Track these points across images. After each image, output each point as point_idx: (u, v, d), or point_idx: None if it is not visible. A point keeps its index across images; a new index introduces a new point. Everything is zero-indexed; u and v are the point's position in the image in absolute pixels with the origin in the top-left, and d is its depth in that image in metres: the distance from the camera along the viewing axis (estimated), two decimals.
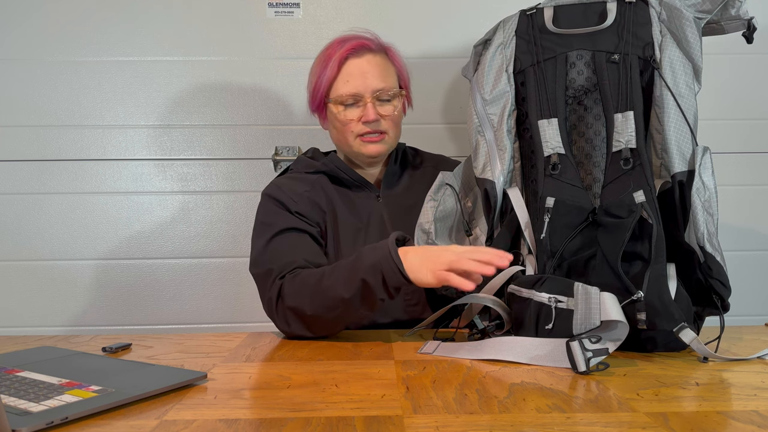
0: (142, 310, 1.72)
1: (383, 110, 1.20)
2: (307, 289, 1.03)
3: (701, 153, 0.99)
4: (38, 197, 1.70)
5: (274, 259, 1.11)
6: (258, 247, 1.15)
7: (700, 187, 0.98)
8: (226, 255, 1.72)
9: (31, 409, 0.65)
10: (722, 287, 0.97)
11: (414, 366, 0.87)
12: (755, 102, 1.73)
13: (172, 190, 1.72)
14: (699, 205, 0.98)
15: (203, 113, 1.71)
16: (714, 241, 0.98)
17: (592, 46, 1.07)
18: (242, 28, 1.69)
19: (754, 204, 1.74)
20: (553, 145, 1.07)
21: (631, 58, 1.04)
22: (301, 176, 1.25)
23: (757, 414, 0.66)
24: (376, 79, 1.18)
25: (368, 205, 1.25)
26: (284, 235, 1.15)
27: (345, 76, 1.18)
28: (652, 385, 0.77)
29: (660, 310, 0.90)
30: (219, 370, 0.86)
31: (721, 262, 0.97)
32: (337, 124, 1.22)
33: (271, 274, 1.08)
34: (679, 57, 1.03)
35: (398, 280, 0.96)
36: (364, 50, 1.19)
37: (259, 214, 1.21)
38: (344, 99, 1.19)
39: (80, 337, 1.10)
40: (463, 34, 1.73)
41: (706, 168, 0.99)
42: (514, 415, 0.66)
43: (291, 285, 1.05)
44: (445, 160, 1.40)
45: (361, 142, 1.21)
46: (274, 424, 0.64)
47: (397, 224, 1.24)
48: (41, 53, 1.67)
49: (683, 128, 1.01)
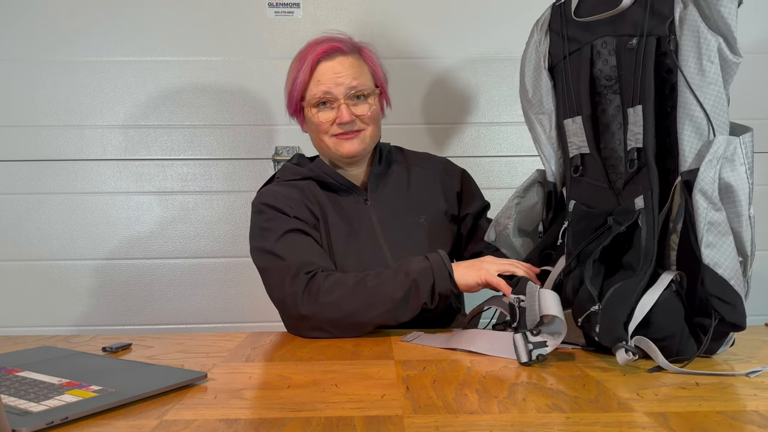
0: (142, 310, 1.72)
1: (358, 110, 1.20)
2: (350, 287, 1.06)
3: (720, 145, 0.84)
4: (38, 197, 1.70)
5: (287, 256, 1.11)
6: (265, 247, 1.14)
7: (705, 186, 0.84)
8: (226, 255, 1.73)
9: (31, 409, 0.65)
10: (719, 303, 0.84)
11: (414, 366, 0.87)
12: (756, 102, 1.73)
13: (172, 190, 1.72)
14: (702, 207, 0.84)
15: (203, 113, 1.71)
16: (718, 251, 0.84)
17: (613, 32, 0.95)
18: (242, 28, 1.69)
19: (754, 204, 1.74)
20: (578, 144, 1.02)
21: (648, 41, 0.91)
22: (290, 183, 1.25)
23: (757, 414, 0.66)
24: (347, 79, 1.18)
25: (357, 209, 1.24)
26: (290, 235, 1.15)
27: (317, 77, 1.19)
28: (652, 385, 0.77)
29: (608, 326, 0.86)
30: (219, 370, 0.86)
31: (724, 275, 0.84)
32: (313, 126, 1.22)
33: (289, 270, 1.08)
34: (699, 31, 0.85)
35: (447, 286, 1.05)
36: (336, 52, 1.19)
37: (256, 221, 1.20)
38: (317, 100, 1.19)
39: (80, 337, 1.10)
40: (463, 34, 1.73)
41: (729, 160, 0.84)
42: (514, 415, 0.66)
43: (328, 281, 1.07)
44: (430, 157, 1.38)
45: (336, 141, 1.21)
46: (274, 424, 0.64)
47: (387, 227, 1.24)
48: (41, 53, 1.68)
49: (698, 119, 0.86)
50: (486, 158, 1.75)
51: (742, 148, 0.84)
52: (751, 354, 0.93)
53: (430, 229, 1.27)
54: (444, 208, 1.31)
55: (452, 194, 1.33)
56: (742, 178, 0.84)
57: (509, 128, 1.75)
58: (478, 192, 1.37)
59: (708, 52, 0.84)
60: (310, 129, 1.25)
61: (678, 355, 0.86)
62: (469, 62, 1.73)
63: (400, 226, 1.25)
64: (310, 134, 1.27)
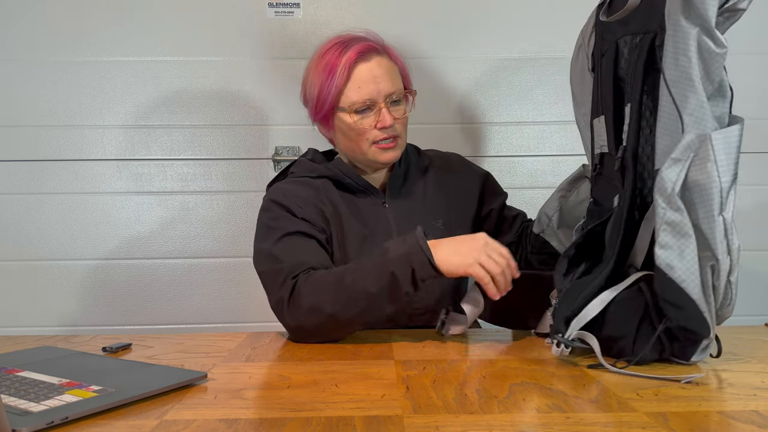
0: (142, 310, 1.72)
1: (396, 113, 1.16)
2: (328, 287, 1.00)
3: (686, 143, 0.80)
4: (38, 197, 1.70)
5: (283, 258, 1.07)
6: (265, 248, 1.11)
7: (664, 185, 0.81)
8: (226, 255, 1.73)
9: (31, 409, 0.65)
10: (667, 305, 0.82)
11: (414, 366, 0.87)
12: (756, 102, 1.73)
13: (172, 190, 1.72)
14: (660, 207, 0.81)
15: (203, 113, 1.71)
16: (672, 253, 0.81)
17: (628, 30, 0.93)
18: (242, 28, 1.69)
19: (754, 204, 1.74)
20: (600, 143, 1.01)
21: (643, 39, 0.89)
22: (305, 180, 1.20)
23: (757, 414, 0.66)
24: (387, 83, 1.14)
25: (374, 211, 1.21)
26: (292, 237, 1.11)
27: (356, 82, 1.13)
28: (652, 385, 0.77)
29: (553, 320, 0.92)
30: (219, 370, 0.86)
31: (675, 277, 0.80)
32: (351, 133, 1.16)
33: (281, 273, 1.04)
34: (678, 22, 0.81)
35: (428, 272, 0.97)
36: (371, 53, 1.15)
37: (262, 218, 1.16)
38: (358, 106, 1.14)
39: (80, 337, 1.10)
40: (464, 34, 1.73)
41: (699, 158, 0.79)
42: (514, 415, 0.66)
43: (307, 283, 1.01)
44: (446, 157, 1.36)
45: (377, 149, 1.17)
46: (274, 424, 0.64)
47: (404, 231, 1.19)
48: (41, 53, 1.68)
49: (671, 115, 0.84)
50: (487, 158, 1.75)
51: (712, 146, 0.78)
52: (751, 354, 0.93)
53: (448, 232, 1.23)
54: (462, 211, 1.28)
55: (472, 196, 1.31)
56: (711, 176, 0.78)
57: (509, 128, 1.75)
58: (498, 186, 1.35)
59: (683, 44, 0.80)
60: (346, 135, 1.18)
61: (634, 355, 0.86)
62: (469, 62, 1.73)
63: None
64: (338, 139, 1.22)
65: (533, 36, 1.73)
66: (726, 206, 0.79)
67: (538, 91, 1.75)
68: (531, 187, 1.74)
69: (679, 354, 0.86)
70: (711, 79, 0.80)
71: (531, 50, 1.73)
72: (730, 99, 0.83)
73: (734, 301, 0.83)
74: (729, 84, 0.83)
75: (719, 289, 0.82)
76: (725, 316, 0.86)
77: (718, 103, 0.82)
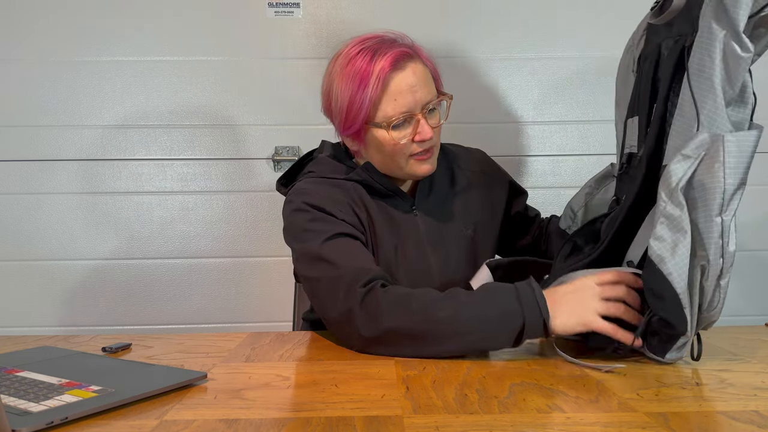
0: (142, 310, 1.72)
1: (432, 122, 1.08)
2: (414, 316, 0.89)
3: (699, 141, 0.80)
4: (38, 197, 1.70)
5: (338, 263, 0.97)
6: (311, 250, 1.00)
7: (670, 179, 0.81)
8: (226, 255, 1.73)
9: (31, 409, 0.65)
10: (651, 296, 0.82)
11: (414, 366, 0.87)
12: None
13: (172, 190, 1.72)
14: (662, 200, 0.82)
15: (203, 113, 1.71)
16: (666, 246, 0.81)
17: (671, 33, 0.92)
18: (242, 28, 1.69)
19: (754, 204, 1.74)
20: (630, 144, 1.00)
21: (680, 40, 0.87)
22: (333, 182, 1.11)
23: (757, 414, 0.66)
24: (423, 92, 1.05)
25: (405, 219, 1.14)
26: (339, 239, 1.01)
27: (392, 95, 1.03)
28: (652, 385, 0.77)
29: None
30: (219, 370, 0.86)
31: (664, 270, 0.81)
32: (386, 149, 1.07)
33: (342, 280, 0.94)
34: (710, 24, 0.80)
35: (539, 333, 0.87)
36: (405, 60, 1.04)
37: (298, 222, 1.05)
38: (396, 121, 1.04)
39: (80, 337, 1.10)
40: (463, 34, 1.73)
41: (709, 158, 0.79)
42: (514, 415, 0.66)
43: (387, 299, 0.91)
44: (468, 155, 1.28)
45: (414, 162, 1.09)
46: (274, 424, 0.64)
47: (434, 239, 1.15)
48: (41, 53, 1.68)
49: (689, 114, 0.83)
50: None
51: (724, 148, 0.78)
52: (751, 354, 0.93)
53: (476, 240, 1.19)
54: (491, 214, 1.23)
55: (500, 200, 1.25)
56: (716, 178, 0.78)
57: (509, 128, 1.75)
58: (520, 186, 1.31)
59: (710, 45, 0.80)
60: (380, 150, 1.09)
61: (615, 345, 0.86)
62: (470, 62, 1.73)
63: (447, 238, 1.16)
64: (372, 154, 1.12)
65: (533, 36, 1.73)
66: (727, 209, 0.79)
67: (538, 91, 1.75)
68: (531, 186, 1.73)
69: (655, 349, 0.86)
70: (732, 83, 0.80)
71: (531, 50, 1.73)
72: (752, 106, 0.82)
73: (721, 305, 0.83)
74: (753, 91, 0.82)
75: (707, 290, 0.82)
76: (711, 320, 0.85)
77: (738, 109, 0.82)
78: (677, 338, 0.84)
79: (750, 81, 0.81)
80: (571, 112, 1.75)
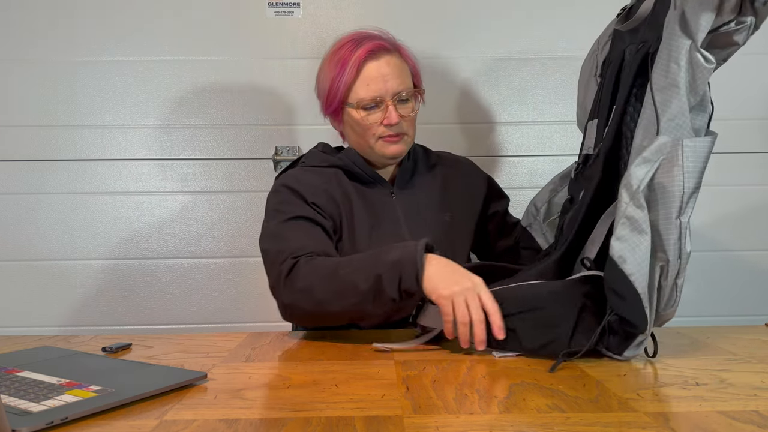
0: (142, 310, 1.72)
1: (403, 111, 1.19)
2: (322, 274, 1.00)
3: (659, 145, 0.83)
4: (38, 197, 1.70)
5: (288, 238, 1.09)
6: (271, 227, 1.13)
7: (631, 181, 0.84)
8: (226, 255, 1.72)
9: (31, 409, 0.65)
10: (612, 295, 0.84)
11: (414, 366, 0.87)
12: (756, 102, 1.73)
13: (172, 190, 1.72)
14: (623, 201, 0.84)
15: (203, 113, 1.71)
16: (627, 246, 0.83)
17: (633, 39, 0.96)
18: (242, 28, 1.69)
19: (754, 204, 1.74)
20: (588, 145, 1.04)
21: (644, 46, 0.91)
22: (317, 169, 1.23)
23: (757, 414, 0.66)
24: (395, 81, 1.17)
25: (383, 201, 1.24)
26: (299, 221, 1.13)
27: (365, 79, 1.16)
28: (652, 385, 0.77)
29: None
30: (219, 370, 0.86)
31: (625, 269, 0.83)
32: (358, 128, 1.20)
33: (284, 253, 1.06)
34: (674, 32, 0.84)
35: (412, 284, 0.94)
36: (382, 51, 1.17)
37: (271, 201, 1.18)
38: (366, 103, 1.17)
39: (80, 337, 1.10)
40: (463, 33, 1.73)
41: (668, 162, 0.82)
42: (514, 415, 0.66)
43: (305, 267, 1.02)
44: (454, 158, 1.40)
45: (382, 143, 1.20)
46: (274, 424, 0.64)
47: (412, 222, 1.24)
48: (41, 53, 1.67)
49: (650, 119, 0.87)
50: (488, 158, 1.75)
51: (682, 152, 0.82)
52: (751, 354, 0.93)
53: (454, 226, 1.27)
54: (468, 207, 1.32)
55: (478, 195, 1.34)
56: (676, 181, 0.82)
57: (509, 128, 1.75)
58: (502, 191, 1.40)
59: (676, 53, 0.84)
60: (354, 130, 1.22)
61: (570, 343, 0.88)
62: (469, 62, 1.73)
63: (425, 221, 1.25)
64: (348, 133, 1.26)
65: (533, 36, 1.73)
66: (684, 211, 0.82)
67: (538, 91, 1.75)
68: (531, 187, 1.74)
69: (613, 347, 0.88)
70: (696, 90, 0.84)
71: (531, 50, 1.73)
72: (709, 114, 0.86)
73: (677, 303, 0.86)
74: (711, 100, 0.86)
75: (665, 289, 0.85)
76: (667, 317, 0.88)
77: (698, 116, 0.86)
78: (635, 336, 0.86)
79: (708, 90, 0.85)
80: (572, 112, 1.75)
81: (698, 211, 1.73)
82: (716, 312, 1.75)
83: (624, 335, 0.87)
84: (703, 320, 1.75)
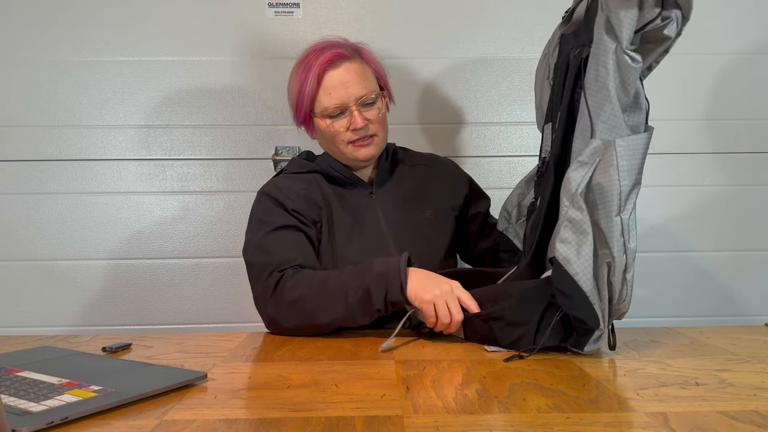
0: (142, 310, 1.72)
1: (369, 114, 1.21)
2: (311, 286, 1.06)
3: (592, 147, 0.87)
4: (38, 197, 1.70)
5: (273, 251, 1.12)
6: (255, 239, 1.16)
7: (569, 185, 0.88)
8: (226, 255, 1.72)
9: (31, 409, 0.65)
10: (560, 295, 0.88)
11: (414, 366, 0.87)
12: (756, 102, 1.73)
13: (172, 190, 1.72)
14: (564, 205, 0.89)
15: (203, 113, 1.71)
16: (571, 248, 0.87)
17: (575, 42, 0.98)
18: (242, 28, 1.69)
19: (754, 204, 1.74)
20: (546, 149, 1.07)
21: (581, 50, 0.93)
22: (296, 175, 1.27)
23: (757, 414, 0.66)
24: (357, 87, 1.19)
25: (362, 202, 1.26)
26: (282, 231, 1.16)
27: (326, 89, 1.19)
28: (652, 385, 0.77)
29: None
30: (219, 370, 0.86)
31: (570, 270, 0.86)
32: (327, 135, 1.23)
33: (270, 266, 1.10)
34: (601, 36, 0.87)
35: (397, 295, 1.01)
36: (340, 59, 1.19)
37: (256, 211, 1.21)
38: (330, 111, 1.20)
39: (80, 337, 1.10)
40: (463, 34, 1.72)
41: (604, 162, 0.86)
42: (514, 415, 0.66)
43: (293, 279, 1.07)
44: (435, 158, 1.42)
45: (353, 148, 1.22)
46: (274, 424, 0.64)
47: (392, 220, 1.25)
48: (41, 53, 1.67)
49: (586, 123, 0.90)
50: (486, 158, 1.75)
51: (616, 152, 0.85)
52: (751, 354, 0.93)
53: (435, 223, 1.29)
54: (450, 205, 1.33)
55: (459, 195, 1.36)
56: (613, 180, 0.85)
57: (509, 128, 1.75)
58: (483, 192, 1.42)
59: (603, 57, 0.86)
60: (324, 138, 1.25)
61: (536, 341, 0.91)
62: (469, 62, 1.73)
63: (406, 219, 1.26)
64: (320, 141, 1.29)
65: (533, 35, 1.73)
66: (624, 208, 0.85)
67: None
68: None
69: (574, 343, 0.91)
70: (627, 90, 0.86)
71: (531, 50, 1.73)
72: (646, 110, 0.89)
73: (630, 297, 0.88)
74: (645, 96, 0.88)
75: (615, 285, 0.88)
76: (622, 311, 0.91)
77: (633, 114, 0.88)
78: (593, 332, 0.89)
79: (642, 88, 0.87)
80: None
81: (698, 211, 1.73)
82: (716, 312, 1.75)
83: (582, 331, 0.90)
84: (703, 320, 1.75)
